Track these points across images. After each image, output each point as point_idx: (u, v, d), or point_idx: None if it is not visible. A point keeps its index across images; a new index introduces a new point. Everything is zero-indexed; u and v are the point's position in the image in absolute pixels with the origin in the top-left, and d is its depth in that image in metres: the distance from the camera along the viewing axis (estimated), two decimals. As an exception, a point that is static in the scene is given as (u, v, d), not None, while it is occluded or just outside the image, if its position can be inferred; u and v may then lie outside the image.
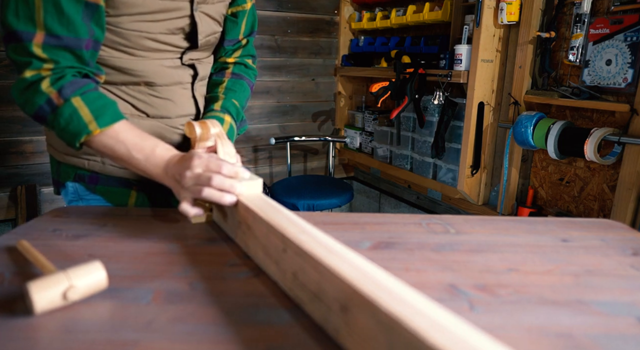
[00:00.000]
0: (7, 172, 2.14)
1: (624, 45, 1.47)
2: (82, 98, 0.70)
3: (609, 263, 0.61)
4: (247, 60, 1.06)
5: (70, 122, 0.70)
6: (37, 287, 0.45)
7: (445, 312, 0.35)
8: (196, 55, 0.91)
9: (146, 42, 0.81)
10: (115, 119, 0.72)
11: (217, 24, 0.92)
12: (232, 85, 0.99)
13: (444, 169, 2.19)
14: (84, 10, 0.70)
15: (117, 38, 0.78)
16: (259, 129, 2.67)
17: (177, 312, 0.47)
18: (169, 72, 0.87)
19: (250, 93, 1.05)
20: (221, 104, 0.93)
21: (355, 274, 0.41)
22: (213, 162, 0.66)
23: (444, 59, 2.02)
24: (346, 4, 2.73)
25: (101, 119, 0.71)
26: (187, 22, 0.84)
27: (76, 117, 0.70)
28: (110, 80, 0.83)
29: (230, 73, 1.01)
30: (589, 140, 1.50)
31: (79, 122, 0.70)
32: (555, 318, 0.47)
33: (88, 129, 0.70)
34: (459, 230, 0.72)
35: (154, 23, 0.79)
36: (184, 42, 0.87)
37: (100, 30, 0.75)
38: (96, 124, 0.70)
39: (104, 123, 0.71)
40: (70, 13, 0.69)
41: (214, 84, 1.00)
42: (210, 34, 0.91)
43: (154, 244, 0.65)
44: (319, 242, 0.48)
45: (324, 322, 0.44)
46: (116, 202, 0.90)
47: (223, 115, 0.91)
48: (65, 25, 0.69)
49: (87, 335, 0.43)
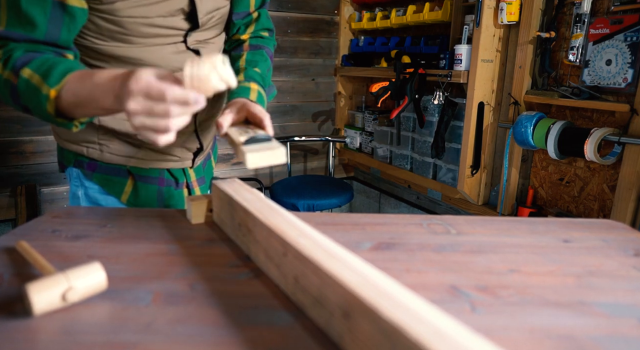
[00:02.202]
0: (7, 172, 2.13)
1: (624, 45, 1.47)
2: (29, 67, 0.64)
3: (610, 264, 0.61)
4: (263, 33, 1.01)
5: (30, 96, 0.64)
6: (36, 288, 0.45)
7: (447, 318, 0.35)
8: (202, 35, 0.87)
9: (144, 28, 0.77)
10: (64, 73, 0.63)
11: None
12: (252, 57, 0.95)
13: (444, 169, 2.19)
14: (52, 12, 0.67)
15: (113, 26, 0.76)
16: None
17: (177, 314, 0.47)
18: (170, 59, 0.84)
19: (271, 63, 0.99)
20: (244, 75, 0.89)
21: (356, 279, 0.41)
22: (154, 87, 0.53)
23: (444, 59, 2.01)
24: (346, 4, 2.72)
25: (50, 78, 0.63)
26: (185, 1, 0.80)
27: (31, 87, 0.64)
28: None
29: (247, 46, 0.97)
30: (589, 140, 1.50)
31: (35, 91, 0.63)
32: (557, 319, 0.47)
33: (42, 93, 0.63)
34: (460, 231, 0.71)
35: (150, 6, 0.76)
36: (185, 23, 0.82)
37: (68, 35, 0.71)
38: (47, 85, 0.63)
39: (54, 81, 0.62)
40: (31, 14, 0.65)
41: (233, 58, 0.96)
42: (213, 11, 0.86)
43: (154, 245, 0.64)
44: (320, 246, 0.48)
45: (327, 328, 0.44)
46: (112, 191, 0.91)
47: (248, 84, 0.87)
48: (21, 24, 0.66)
49: (87, 337, 0.43)
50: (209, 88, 0.54)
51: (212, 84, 0.53)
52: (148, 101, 0.53)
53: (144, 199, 0.94)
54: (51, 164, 2.21)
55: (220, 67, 0.54)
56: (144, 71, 0.54)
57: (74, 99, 0.62)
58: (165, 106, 0.53)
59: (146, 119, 0.54)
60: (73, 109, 0.64)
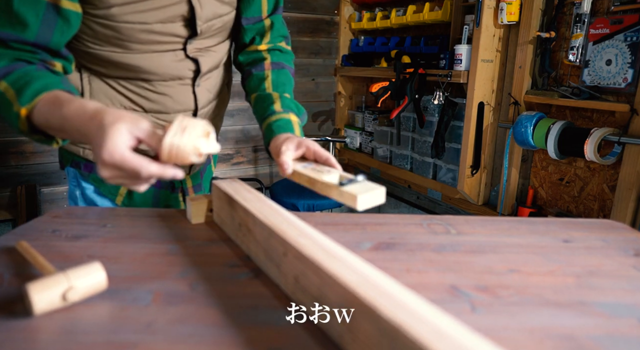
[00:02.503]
0: (7, 172, 2.14)
1: (624, 45, 1.47)
2: (6, 80, 0.62)
3: (610, 264, 0.61)
4: (281, 44, 0.95)
5: (4, 110, 0.62)
6: (36, 288, 0.45)
7: (447, 318, 0.35)
8: (203, 43, 0.84)
9: (141, 34, 0.75)
10: (38, 92, 0.60)
11: (224, 5, 0.83)
12: (278, 77, 0.90)
13: (444, 169, 2.19)
14: (45, 14, 0.65)
15: (109, 31, 0.74)
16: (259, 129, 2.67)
17: (177, 314, 0.47)
18: (168, 67, 0.82)
19: (293, 80, 0.96)
20: (281, 104, 0.84)
21: (356, 279, 0.41)
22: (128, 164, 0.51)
23: (444, 59, 2.01)
24: (346, 4, 2.72)
25: (22, 96, 0.60)
26: (185, 7, 0.76)
27: (4, 101, 0.62)
28: (105, 73, 0.81)
29: (270, 64, 0.91)
30: (589, 140, 1.50)
31: (8, 106, 0.61)
32: (557, 319, 0.47)
33: (13, 110, 0.61)
34: (460, 231, 0.71)
35: (148, 12, 0.73)
36: (184, 30, 0.79)
37: (60, 38, 0.69)
38: (18, 103, 0.60)
39: (25, 100, 0.60)
40: (23, 14, 0.64)
41: (257, 79, 0.91)
42: (214, 18, 0.82)
43: (154, 245, 0.64)
44: (320, 246, 0.48)
45: (327, 327, 0.44)
46: (107, 192, 0.91)
47: (288, 116, 0.83)
48: (14, 25, 0.64)
49: (87, 337, 0.43)
50: (187, 161, 0.53)
51: (191, 159, 0.53)
52: (121, 172, 0.52)
53: (138, 201, 0.94)
54: (51, 164, 2.21)
55: (203, 145, 0.53)
56: (117, 138, 0.51)
57: (45, 123, 0.60)
58: (139, 179, 0.53)
59: (119, 181, 0.54)
60: (47, 130, 0.62)
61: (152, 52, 0.79)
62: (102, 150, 0.51)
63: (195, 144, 0.52)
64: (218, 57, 0.90)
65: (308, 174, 0.66)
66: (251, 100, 0.91)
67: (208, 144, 0.53)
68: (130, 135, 0.52)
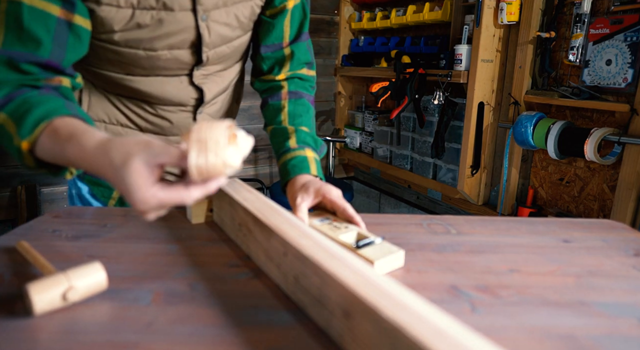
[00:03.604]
0: (7, 172, 2.14)
1: (624, 45, 1.47)
2: (5, 110, 0.55)
3: (610, 264, 0.61)
4: (302, 71, 0.88)
5: (7, 145, 0.56)
6: (36, 288, 0.45)
7: (447, 318, 0.35)
8: (210, 69, 0.80)
9: (145, 60, 0.71)
10: (39, 121, 0.53)
11: (235, 29, 0.78)
12: (294, 109, 0.84)
13: (444, 169, 2.19)
14: (57, 30, 0.60)
15: (112, 55, 0.70)
16: (259, 129, 2.67)
17: (177, 313, 0.47)
18: (170, 93, 0.78)
19: (313, 108, 0.88)
20: (296, 139, 0.79)
21: (356, 279, 0.41)
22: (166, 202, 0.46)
23: (444, 59, 2.02)
24: (346, 4, 2.72)
25: (22, 128, 0.53)
26: (191, 34, 0.72)
27: (5, 134, 0.55)
28: (105, 88, 0.79)
29: (287, 93, 0.85)
30: (589, 140, 1.50)
31: (9, 140, 0.54)
32: (557, 319, 0.47)
33: (13, 144, 0.54)
34: (460, 231, 0.71)
35: (152, 39, 0.69)
36: (190, 57, 0.75)
37: (72, 57, 0.64)
38: (18, 136, 0.53)
39: (25, 131, 0.53)
40: (34, 31, 0.58)
41: (274, 109, 0.85)
42: (223, 44, 0.77)
43: (154, 245, 0.64)
44: (320, 246, 0.48)
45: (327, 327, 0.44)
46: (100, 195, 0.90)
47: (304, 152, 0.78)
48: (22, 41, 0.58)
49: (87, 337, 0.43)
50: (224, 177, 0.47)
51: (227, 173, 0.46)
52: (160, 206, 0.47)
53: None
54: (51, 164, 2.21)
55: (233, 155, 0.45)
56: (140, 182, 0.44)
57: (51, 158, 0.53)
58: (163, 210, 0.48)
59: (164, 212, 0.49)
60: (56, 163, 0.55)
61: (155, 76, 0.76)
62: (132, 200, 0.44)
63: (224, 159, 0.45)
64: (226, 81, 0.86)
65: (325, 231, 0.64)
66: (268, 132, 0.87)
67: (238, 149, 0.46)
68: (149, 168, 0.45)
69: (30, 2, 0.57)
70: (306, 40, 0.87)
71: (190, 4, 0.69)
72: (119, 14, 0.65)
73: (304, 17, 0.84)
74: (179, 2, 0.68)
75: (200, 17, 0.71)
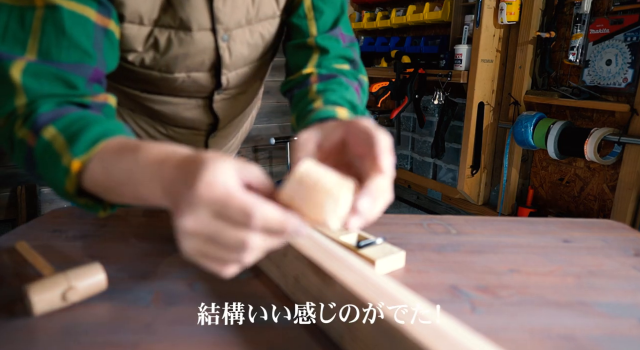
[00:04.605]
0: (7, 172, 2.14)
1: (624, 45, 1.47)
2: (55, 124, 0.46)
3: (611, 264, 0.61)
4: (340, 66, 0.71)
5: (47, 165, 0.46)
6: (36, 288, 0.45)
7: (448, 318, 0.35)
8: (232, 91, 0.74)
9: (161, 82, 0.67)
10: (98, 137, 0.44)
11: (259, 49, 0.71)
12: (326, 86, 0.66)
13: (444, 169, 2.19)
14: (95, 35, 0.53)
15: (127, 73, 0.67)
16: (259, 129, 2.67)
17: (177, 314, 0.47)
18: (186, 117, 0.75)
19: (357, 94, 0.69)
20: (322, 99, 0.61)
21: (356, 279, 0.41)
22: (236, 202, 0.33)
23: (444, 59, 2.02)
24: (346, 3, 2.73)
25: (76, 145, 0.44)
26: (211, 56, 0.66)
27: (50, 153, 0.45)
28: (119, 102, 0.75)
29: (316, 77, 0.68)
30: (589, 140, 1.50)
31: (54, 159, 0.45)
32: (557, 319, 0.47)
33: (61, 164, 0.44)
34: (460, 231, 0.71)
35: (169, 61, 0.64)
36: (209, 80, 0.69)
37: (113, 61, 0.59)
38: (70, 153, 0.44)
39: (80, 149, 0.44)
40: (75, 36, 0.51)
41: (299, 98, 0.67)
42: (245, 65, 0.71)
43: (154, 245, 0.64)
44: (320, 246, 0.48)
45: (327, 327, 0.44)
46: None
47: (332, 108, 0.58)
48: (66, 49, 0.51)
49: (87, 337, 0.43)
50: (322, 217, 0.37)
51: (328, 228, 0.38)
52: (219, 221, 0.34)
53: None
54: (51, 164, 2.21)
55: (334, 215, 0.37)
56: (220, 171, 0.34)
57: (104, 179, 0.43)
58: (243, 234, 0.34)
59: (208, 246, 0.35)
60: (101, 191, 0.44)
61: (172, 96, 0.72)
62: (197, 183, 0.33)
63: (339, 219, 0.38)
64: (244, 104, 0.81)
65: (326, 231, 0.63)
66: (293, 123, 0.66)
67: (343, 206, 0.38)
68: (236, 174, 0.35)
69: (69, 5, 0.51)
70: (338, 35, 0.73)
71: (209, 22, 0.63)
72: (141, 31, 0.61)
73: (338, 11, 0.72)
74: (198, 21, 0.62)
75: (221, 38, 0.65)
